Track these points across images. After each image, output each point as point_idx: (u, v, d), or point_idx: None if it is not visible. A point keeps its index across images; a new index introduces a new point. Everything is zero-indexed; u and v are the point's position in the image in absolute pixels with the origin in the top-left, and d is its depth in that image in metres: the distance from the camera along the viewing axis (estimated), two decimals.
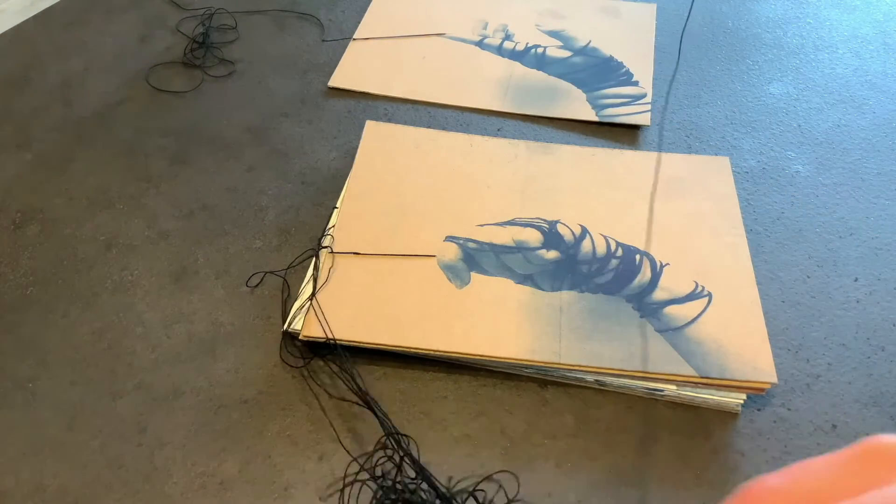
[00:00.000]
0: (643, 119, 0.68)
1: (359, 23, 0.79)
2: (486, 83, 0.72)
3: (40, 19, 0.79)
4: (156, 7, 0.82)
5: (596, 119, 0.68)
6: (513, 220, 0.58)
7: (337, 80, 0.72)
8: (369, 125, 0.65)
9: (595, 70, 0.74)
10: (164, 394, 0.49)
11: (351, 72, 0.73)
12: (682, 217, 0.59)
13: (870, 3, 0.85)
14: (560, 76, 0.73)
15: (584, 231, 0.57)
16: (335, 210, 0.59)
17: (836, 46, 0.79)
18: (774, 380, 0.48)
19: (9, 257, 0.57)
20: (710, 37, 0.80)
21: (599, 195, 0.60)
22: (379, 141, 0.64)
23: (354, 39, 0.77)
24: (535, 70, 0.74)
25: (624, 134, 0.68)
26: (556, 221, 0.58)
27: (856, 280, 0.57)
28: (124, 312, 0.53)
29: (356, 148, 0.63)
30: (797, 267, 0.57)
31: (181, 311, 0.53)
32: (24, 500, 0.44)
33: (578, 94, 0.71)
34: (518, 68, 0.74)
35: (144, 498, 0.44)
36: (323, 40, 0.77)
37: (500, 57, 0.75)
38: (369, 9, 0.81)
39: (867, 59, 0.77)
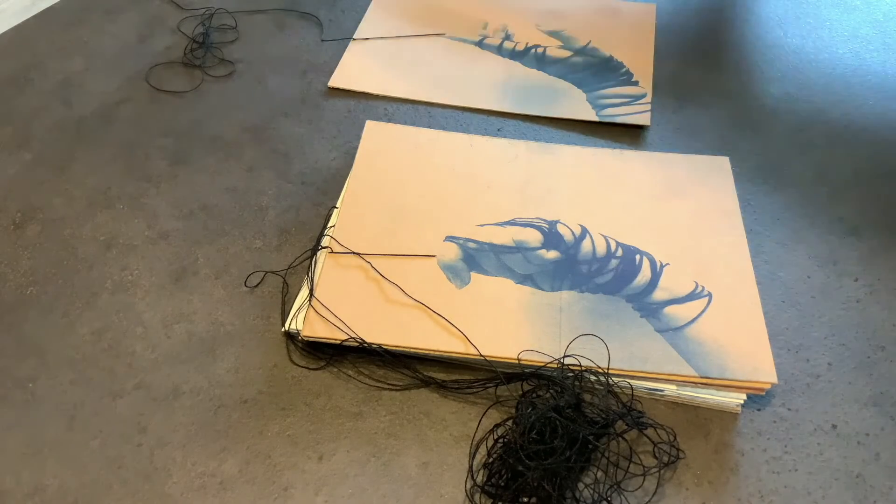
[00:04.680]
0: (643, 119, 0.68)
1: (359, 23, 0.79)
2: (486, 83, 0.72)
3: (40, 19, 0.79)
4: (156, 7, 0.82)
5: (596, 119, 0.68)
6: (513, 220, 0.58)
7: (337, 81, 0.72)
8: (369, 125, 0.65)
9: (595, 70, 0.73)
10: (164, 394, 0.49)
11: (351, 72, 0.73)
12: (682, 217, 0.59)
13: (870, 3, 0.85)
14: (560, 76, 0.73)
15: (584, 231, 0.57)
16: (335, 210, 0.59)
17: (836, 46, 0.79)
18: (774, 379, 0.48)
19: (9, 257, 0.57)
20: (711, 37, 0.80)
21: (599, 195, 0.60)
22: (379, 141, 0.64)
23: (354, 39, 0.77)
24: (535, 70, 0.74)
25: (624, 134, 0.68)
26: (556, 221, 0.58)
27: (856, 280, 0.57)
28: (124, 312, 0.53)
29: (356, 148, 0.63)
30: (797, 267, 0.57)
31: (181, 311, 0.53)
32: (24, 500, 0.44)
33: (578, 94, 0.71)
34: (518, 68, 0.74)
35: (144, 498, 0.44)
36: (322, 40, 0.77)
37: (500, 57, 0.75)
38: (369, 9, 0.81)
39: (867, 59, 0.77)
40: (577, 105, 0.70)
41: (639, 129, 0.68)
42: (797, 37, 0.80)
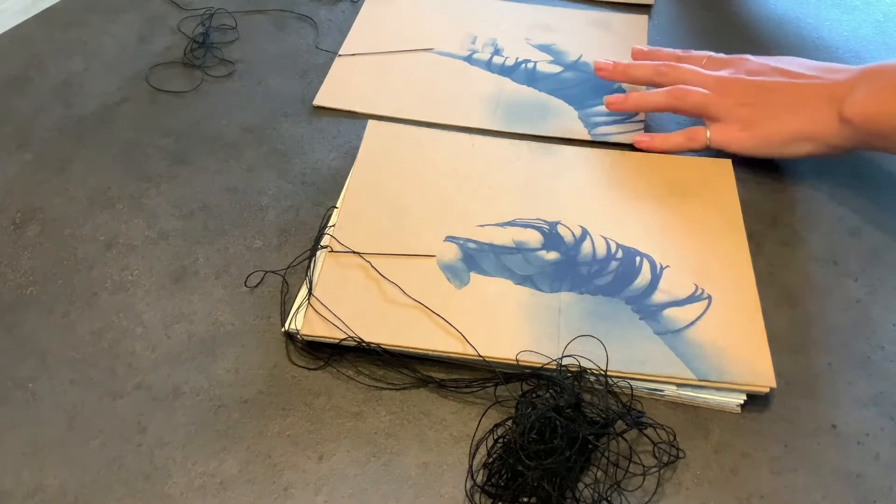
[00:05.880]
0: (637, 138, 0.66)
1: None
2: (475, 100, 0.70)
3: (40, 19, 0.79)
4: (156, 7, 0.82)
5: (588, 138, 0.66)
6: (513, 220, 0.58)
7: (322, 99, 0.70)
8: (371, 124, 0.65)
9: (587, 86, 0.71)
10: (164, 394, 0.49)
11: (336, 89, 0.71)
12: (683, 219, 0.59)
13: (870, 3, 0.85)
14: (551, 92, 0.71)
15: (585, 232, 0.57)
16: (335, 210, 0.59)
17: (836, 46, 0.79)
18: (773, 383, 0.48)
19: (9, 257, 0.57)
20: (711, 37, 0.80)
21: (600, 196, 0.60)
22: (380, 140, 0.64)
23: (340, 55, 0.75)
24: (525, 86, 0.72)
25: None
26: (557, 222, 0.58)
27: (856, 280, 0.57)
28: (124, 312, 0.53)
29: (356, 148, 0.63)
30: (797, 267, 0.57)
31: (181, 311, 0.53)
32: (24, 500, 0.44)
33: (570, 112, 0.69)
34: (508, 84, 0.72)
35: (144, 498, 0.44)
36: (317, 47, 0.76)
37: (489, 72, 0.73)
38: (355, 24, 0.79)
39: (867, 59, 0.77)
40: (568, 123, 0.68)
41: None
42: (797, 37, 0.80)
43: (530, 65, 0.74)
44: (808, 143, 0.60)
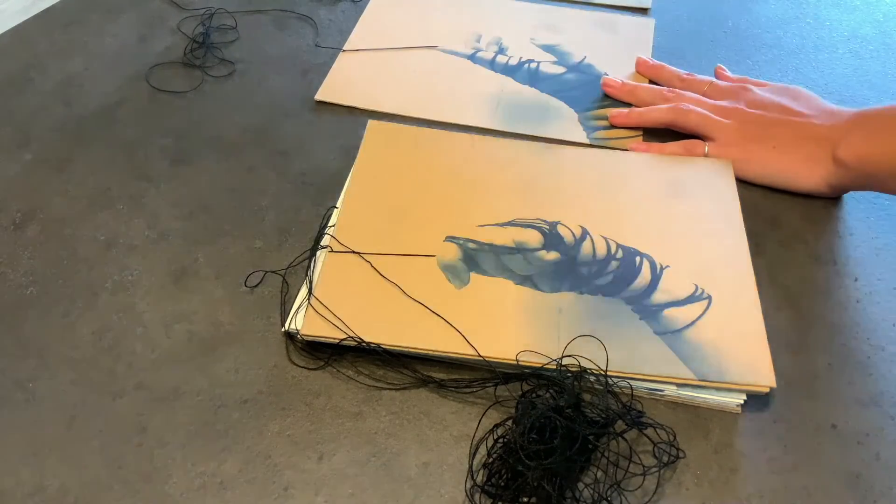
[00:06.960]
0: (634, 144, 0.66)
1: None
2: (476, 99, 0.70)
3: (40, 19, 0.79)
4: (156, 7, 0.82)
5: (587, 141, 0.66)
6: (513, 220, 0.58)
7: (324, 94, 0.70)
8: (371, 124, 0.65)
9: (588, 88, 0.71)
10: (164, 394, 0.49)
11: (339, 85, 0.71)
12: (683, 219, 0.59)
13: (870, 3, 0.85)
14: (552, 93, 0.71)
15: (585, 232, 0.57)
16: (335, 210, 0.59)
17: (836, 46, 0.79)
18: (773, 383, 0.48)
19: (9, 257, 0.57)
20: (710, 37, 0.80)
21: (601, 196, 0.60)
22: (381, 140, 0.64)
23: (344, 51, 0.75)
24: (527, 86, 0.71)
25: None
26: (557, 222, 0.58)
27: (856, 280, 0.57)
28: (124, 312, 0.53)
29: (356, 148, 0.63)
30: (797, 267, 0.57)
31: (181, 311, 0.53)
32: (24, 500, 0.44)
33: (570, 114, 0.69)
34: (510, 84, 0.72)
35: (144, 498, 0.44)
36: (317, 45, 0.76)
37: (492, 71, 0.73)
38: (360, 19, 0.79)
39: (867, 59, 0.77)
40: (567, 125, 0.68)
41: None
42: (797, 37, 0.80)
43: (533, 65, 0.74)
44: (805, 180, 0.61)
